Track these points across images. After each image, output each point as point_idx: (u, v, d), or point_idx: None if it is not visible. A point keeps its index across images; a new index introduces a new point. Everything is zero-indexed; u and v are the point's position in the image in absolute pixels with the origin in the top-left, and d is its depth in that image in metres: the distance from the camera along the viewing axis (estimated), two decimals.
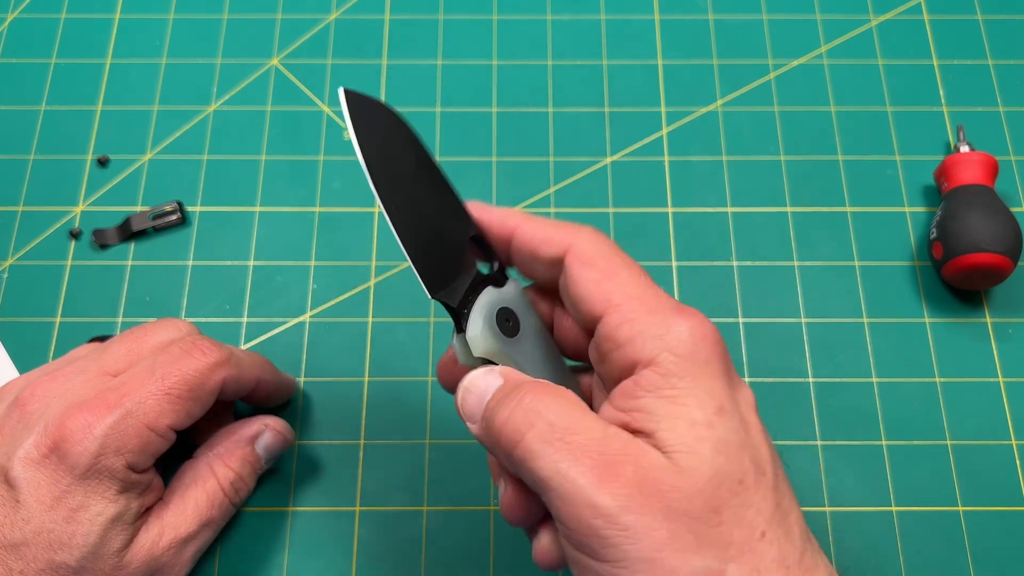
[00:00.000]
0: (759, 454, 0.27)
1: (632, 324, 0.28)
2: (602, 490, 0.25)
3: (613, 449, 0.26)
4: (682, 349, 0.28)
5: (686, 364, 0.28)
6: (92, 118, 0.52)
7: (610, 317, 0.29)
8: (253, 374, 0.39)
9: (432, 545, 0.42)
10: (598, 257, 0.30)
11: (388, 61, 0.54)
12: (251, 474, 0.39)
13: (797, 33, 0.54)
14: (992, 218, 0.45)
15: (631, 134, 0.52)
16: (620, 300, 0.29)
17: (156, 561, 0.35)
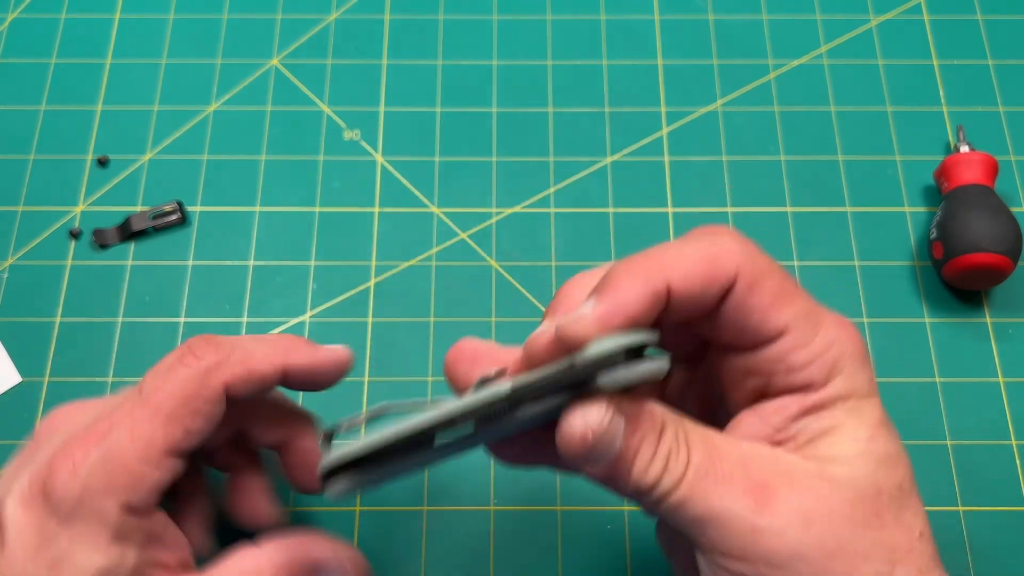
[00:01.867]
0: (909, 461, 0.27)
1: (808, 350, 0.27)
2: (763, 513, 0.25)
3: (760, 471, 0.26)
4: (851, 370, 0.27)
5: (853, 384, 0.27)
6: (92, 118, 0.52)
7: (784, 342, 0.27)
8: (272, 364, 0.31)
9: (432, 545, 0.42)
10: (763, 277, 0.27)
11: (388, 61, 0.54)
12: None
13: (797, 33, 0.54)
14: (992, 218, 0.45)
15: (631, 134, 0.52)
16: (795, 324, 0.27)
17: None
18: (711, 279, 0.26)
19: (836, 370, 0.27)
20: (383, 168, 0.51)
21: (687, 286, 0.26)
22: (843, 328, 0.27)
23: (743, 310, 0.27)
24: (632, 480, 0.26)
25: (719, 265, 0.26)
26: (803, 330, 0.27)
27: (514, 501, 0.43)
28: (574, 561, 0.42)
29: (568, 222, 0.49)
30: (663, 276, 0.26)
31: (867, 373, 0.27)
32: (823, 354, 0.27)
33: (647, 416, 0.26)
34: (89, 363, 0.46)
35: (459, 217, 0.49)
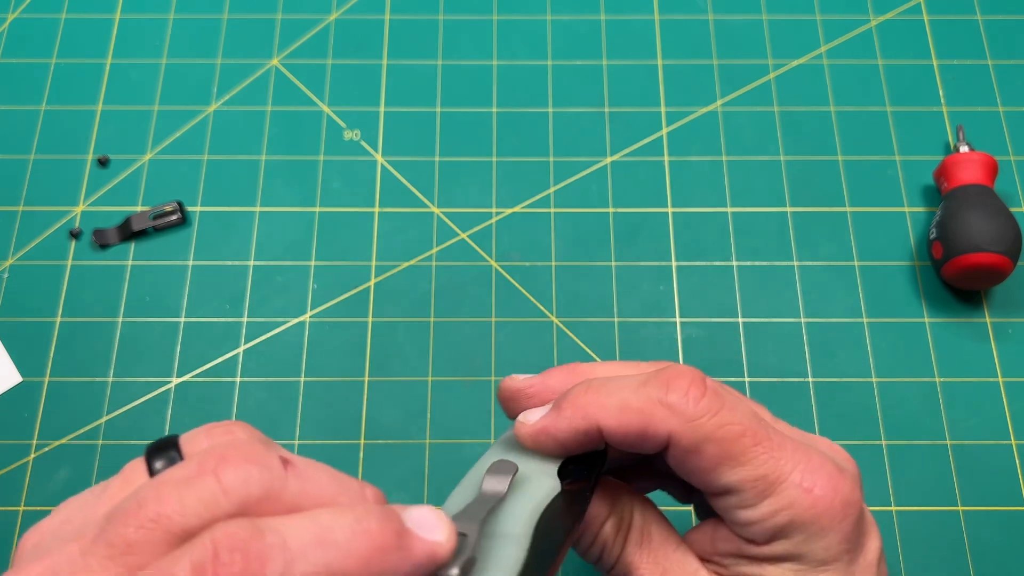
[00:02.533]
0: None
1: (750, 512, 0.26)
2: None
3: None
4: (801, 537, 0.26)
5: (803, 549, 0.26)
6: (92, 118, 0.52)
7: (727, 500, 0.27)
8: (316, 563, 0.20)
9: None
10: (704, 443, 0.26)
11: (388, 61, 0.54)
12: None
13: (797, 33, 0.54)
14: (992, 218, 0.45)
15: (631, 134, 0.52)
16: (738, 488, 0.26)
17: None
18: (641, 436, 0.26)
19: (780, 535, 0.26)
20: (383, 168, 0.51)
21: (617, 436, 0.27)
22: (807, 493, 0.26)
23: (681, 468, 0.27)
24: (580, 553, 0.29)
25: (651, 425, 0.26)
26: (748, 493, 0.26)
27: None
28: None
29: (568, 222, 0.49)
30: (596, 420, 0.27)
31: (828, 542, 0.26)
32: (767, 519, 0.26)
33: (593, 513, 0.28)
34: (89, 363, 0.46)
35: (459, 217, 0.49)
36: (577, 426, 0.27)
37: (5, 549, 0.42)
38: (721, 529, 0.28)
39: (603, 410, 0.27)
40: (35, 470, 0.43)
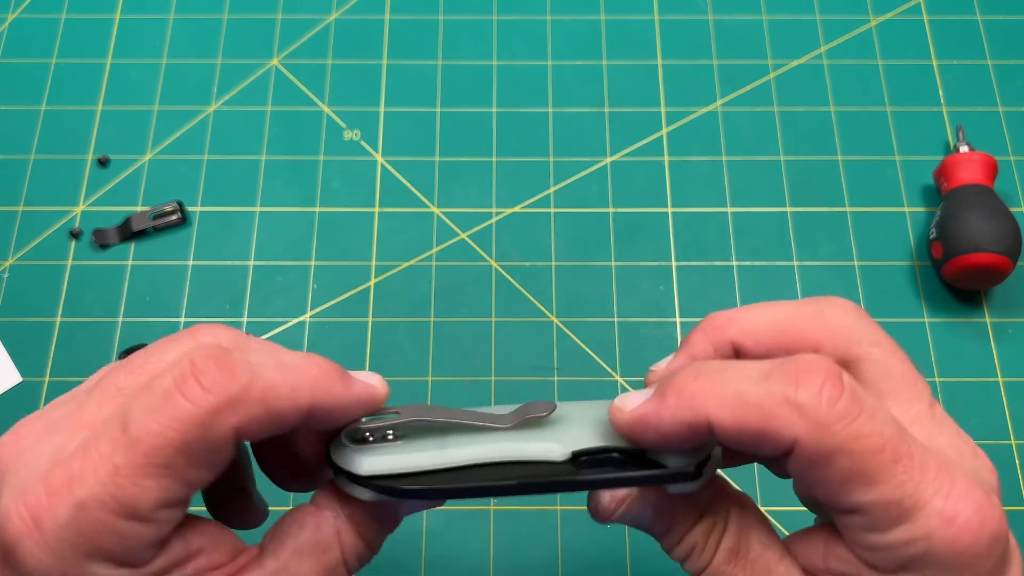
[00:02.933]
0: None
1: (881, 538, 0.23)
2: None
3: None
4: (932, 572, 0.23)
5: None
6: (92, 118, 0.52)
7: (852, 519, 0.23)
8: (296, 405, 0.24)
9: (432, 545, 0.42)
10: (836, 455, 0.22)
11: (388, 61, 0.54)
12: (381, 542, 0.27)
13: (797, 33, 0.54)
14: (991, 218, 0.45)
15: (631, 134, 0.52)
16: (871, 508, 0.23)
17: None
18: (760, 437, 0.22)
19: (910, 566, 0.23)
20: (383, 168, 0.51)
21: (730, 434, 0.23)
22: (948, 523, 0.22)
23: (803, 477, 0.23)
24: (665, 549, 0.27)
25: (773, 427, 0.22)
26: (880, 517, 0.23)
27: (514, 501, 0.43)
28: (574, 561, 0.42)
29: (568, 222, 0.49)
30: (705, 413, 0.23)
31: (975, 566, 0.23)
32: (898, 548, 0.23)
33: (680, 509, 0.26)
34: (89, 363, 0.46)
35: (459, 217, 0.49)
36: (682, 418, 0.23)
37: None
38: (837, 547, 0.24)
39: (716, 401, 0.23)
40: None
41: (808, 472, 0.23)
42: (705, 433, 0.23)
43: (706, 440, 0.24)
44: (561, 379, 0.45)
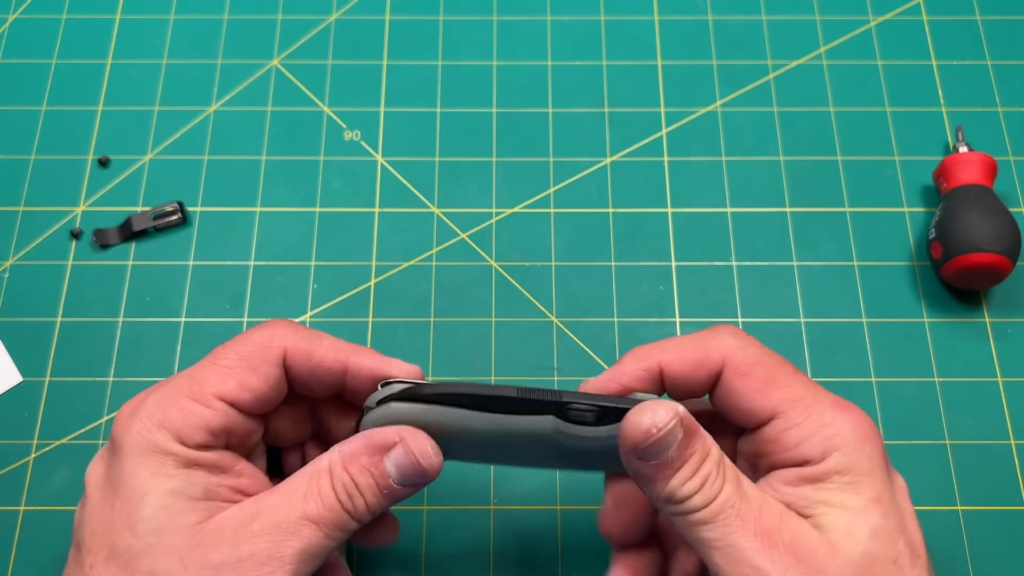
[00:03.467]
0: (913, 539, 0.30)
1: (799, 429, 0.31)
2: (763, 555, 0.28)
3: (771, 519, 0.29)
4: (847, 447, 0.30)
5: (849, 460, 0.30)
6: (93, 118, 0.52)
7: (776, 424, 0.31)
8: (336, 355, 0.33)
9: (432, 545, 0.42)
10: (755, 364, 0.32)
11: (388, 62, 0.54)
12: (372, 489, 0.32)
13: (796, 34, 0.54)
14: (991, 218, 0.45)
15: (631, 134, 0.52)
16: (785, 407, 0.31)
17: (248, 545, 0.29)
18: (698, 364, 0.32)
19: (831, 447, 0.30)
20: (383, 168, 0.51)
21: (676, 367, 0.32)
22: (841, 411, 0.31)
23: (734, 394, 0.32)
24: (668, 487, 0.29)
25: (707, 353, 0.32)
26: (793, 412, 0.31)
27: (514, 501, 0.43)
28: (574, 561, 0.42)
29: (568, 222, 0.49)
30: (655, 359, 0.33)
31: (869, 452, 0.31)
32: (815, 433, 0.31)
33: (702, 438, 0.30)
34: (90, 363, 0.46)
35: (459, 217, 0.50)
36: (637, 366, 0.32)
37: (5, 549, 0.42)
38: (771, 477, 0.31)
39: (661, 351, 0.33)
40: (35, 470, 0.44)
41: (735, 385, 0.32)
42: (657, 378, 0.33)
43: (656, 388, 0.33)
44: (561, 379, 0.46)
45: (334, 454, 0.32)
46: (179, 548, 0.29)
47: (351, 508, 0.31)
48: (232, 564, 0.29)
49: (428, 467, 0.32)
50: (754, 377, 0.32)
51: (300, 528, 0.30)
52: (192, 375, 0.32)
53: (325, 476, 0.31)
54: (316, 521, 0.30)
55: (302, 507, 0.30)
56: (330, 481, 0.31)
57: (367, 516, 0.32)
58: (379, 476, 0.31)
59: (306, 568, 0.30)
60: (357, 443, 0.32)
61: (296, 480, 0.31)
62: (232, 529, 0.30)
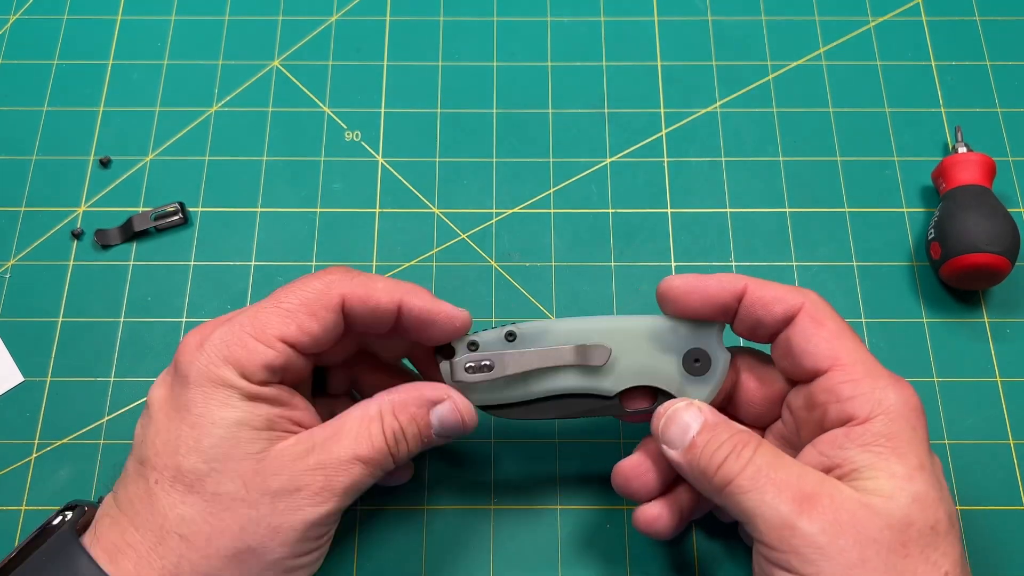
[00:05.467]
0: (951, 510, 0.32)
1: (856, 384, 0.33)
2: (802, 516, 0.30)
3: (810, 484, 0.31)
4: (895, 413, 0.32)
5: (896, 427, 0.32)
6: (94, 119, 0.52)
7: (835, 373, 0.33)
8: (390, 296, 0.35)
9: (432, 545, 0.42)
10: (829, 318, 0.34)
11: (389, 62, 0.54)
12: (416, 437, 0.35)
13: (796, 34, 0.55)
14: (990, 218, 0.45)
15: (631, 135, 0.52)
16: (847, 360, 0.33)
17: (303, 477, 0.33)
18: (779, 300, 0.35)
19: (880, 410, 0.32)
20: (384, 169, 0.51)
21: (759, 294, 0.35)
22: (895, 382, 0.33)
23: (804, 336, 0.34)
24: (703, 460, 0.33)
25: (790, 295, 0.35)
26: (853, 368, 0.33)
27: (514, 501, 0.43)
28: (574, 561, 0.42)
29: (568, 222, 0.49)
30: (744, 284, 0.35)
31: (914, 424, 0.32)
32: (868, 393, 0.33)
33: (725, 423, 0.34)
34: (91, 363, 0.46)
35: (459, 217, 0.50)
36: (725, 285, 0.35)
37: (6, 549, 0.42)
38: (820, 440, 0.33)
39: (750, 279, 0.35)
40: (36, 470, 0.44)
41: (807, 328, 0.34)
42: (733, 302, 0.35)
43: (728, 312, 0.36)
44: None
45: (384, 402, 0.35)
46: (242, 474, 0.32)
47: (395, 451, 0.35)
48: (289, 492, 0.32)
49: (470, 423, 0.36)
50: (827, 328, 0.34)
51: (351, 466, 0.33)
52: (256, 316, 0.34)
53: (376, 422, 0.34)
54: (365, 461, 0.34)
55: (353, 448, 0.34)
56: (380, 426, 0.34)
57: (405, 459, 0.35)
58: (424, 426, 0.35)
59: (349, 500, 0.34)
60: (408, 394, 0.36)
61: (348, 423, 0.34)
62: (291, 460, 0.33)
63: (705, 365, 0.36)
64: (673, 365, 0.36)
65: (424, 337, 0.36)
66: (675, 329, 0.37)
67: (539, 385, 0.37)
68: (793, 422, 0.36)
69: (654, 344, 0.37)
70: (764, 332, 0.36)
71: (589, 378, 0.37)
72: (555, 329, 0.37)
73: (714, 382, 0.36)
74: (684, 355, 0.36)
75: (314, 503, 0.33)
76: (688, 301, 0.36)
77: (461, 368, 0.36)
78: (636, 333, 0.37)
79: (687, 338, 0.36)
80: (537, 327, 0.37)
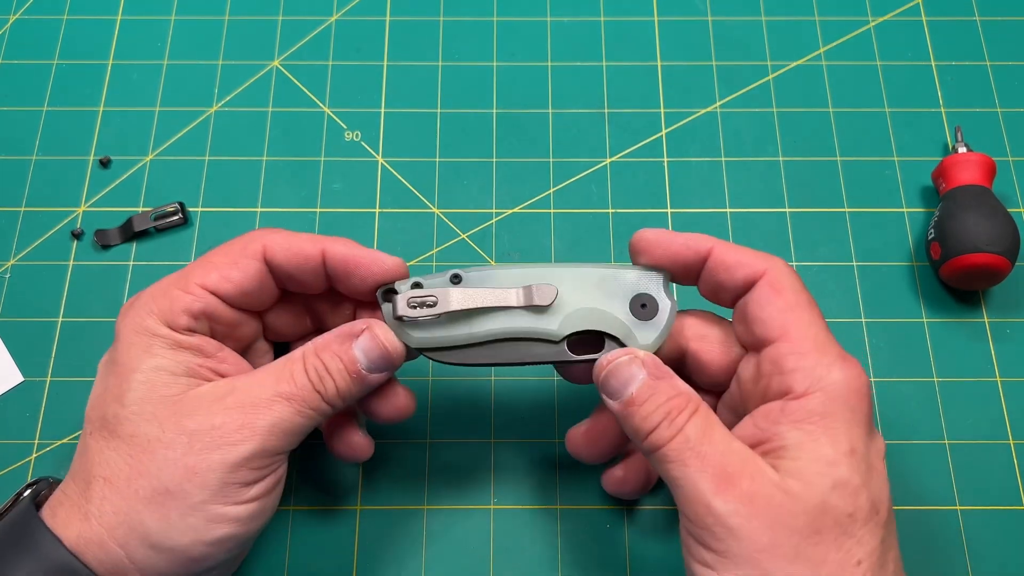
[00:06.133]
0: (877, 496, 0.31)
1: (799, 357, 0.32)
2: (717, 496, 0.30)
3: (733, 464, 0.31)
4: (835, 392, 0.31)
5: (833, 406, 0.31)
6: (94, 119, 0.52)
7: (782, 344, 0.33)
8: (312, 244, 0.36)
9: (432, 545, 0.42)
10: (789, 288, 0.34)
11: (389, 62, 0.54)
12: (341, 372, 0.34)
13: (796, 34, 0.55)
14: (990, 218, 0.45)
15: (630, 135, 0.52)
16: (796, 333, 0.33)
17: (220, 415, 0.32)
18: (742, 264, 0.34)
19: (819, 386, 0.32)
20: (384, 169, 0.51)
21: (722, 257, 0.35)
22: (845, 364, 0.32)
23: (759, 303, 0.34)
24: (637, 419, 0.32)
25: (755, 260, 0.34)
26: (801, 341, 0.33)
27: (514, 501, 0.43)
28: (574, 561, 0.42)
29: (568, 222, 0.49)
30: (710, 245, 0.35)
31: (854, 405, 0.32)
32: (810, 368, 0.32)
33: (670, 382, 0.33)
34: (91, 363, 0.46)
35: (459, 217, 0.50)
36: (691, 244, 0.35)
37: None
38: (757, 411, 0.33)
39: (717, 241, 0.35)
40: (37, 470, 0.44)
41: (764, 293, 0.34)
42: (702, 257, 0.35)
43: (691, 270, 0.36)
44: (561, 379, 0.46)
45: (307, 345, 0.35)
46: (159, 415, 0.32)
47: (322, 389, 0.34)
48: (206, 430, 0.32)
49: (393, 351, 0.35)
50: (784, 297, 0.33)
51: (272, 404, 0.33)
52: (182, 271, 0.35)
53: (298, 361, 0.34)
54: (288, 398, 0.33)
55: (274, 386, 0.33)
56: (303, 365, 0.34)
57: (339, 399, 0.35)
58: (348, 361, 0.34)
59: (278, 442, 0.33)
60: (330, 334, 0.35)
61: (270, 365, 0.35)
62: (208, 401, 0.33)
63: (652, 310, 0.36)
64: (620, 309, 0.36)
65: (357, 283, 0.36)
66: (621, 275, 0.36)
67: (483, 326, 0.35)
68: (739, 392, 0.36)
69: (601, 289, 0.36)
70: (725, 296, 0.36)
71: (535, 320, 0.35)
72: (501, 273, 0.36)
73: (660, 327, 0.36)
74: (631, 300, 0.36)
75: (232, 441, 0.32)
76: (653, 253, 0.36)
77: (403, 303, 0.35)
78: (583, 278, 0.36)
79: (633, 284, 0.36)
80: (483, 271, 0.36)
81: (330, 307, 0.39)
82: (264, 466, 0.33)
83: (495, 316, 0.36)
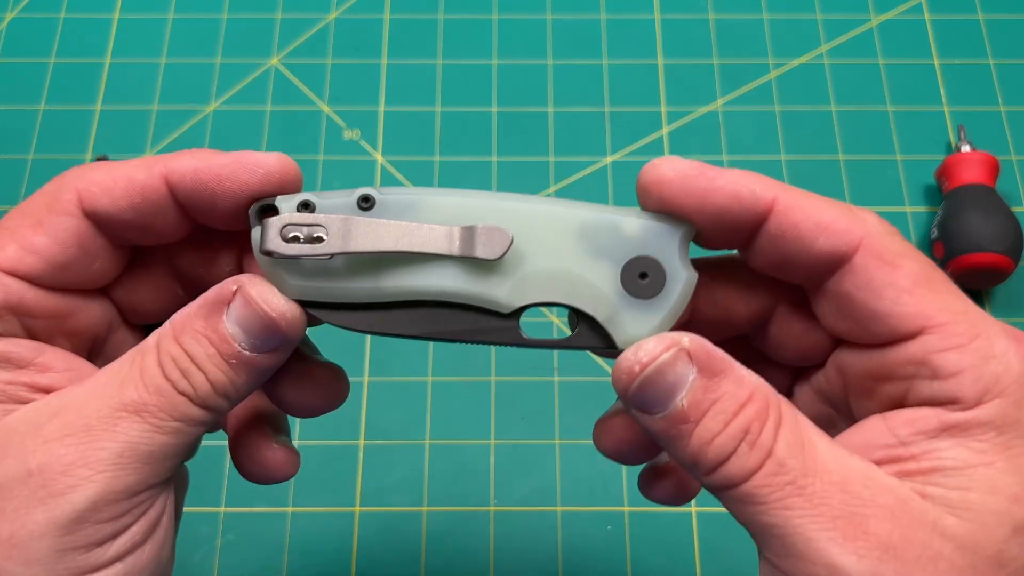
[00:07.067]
0: None
1: (960, 353, 0.21)
2: (845, 548, 0.20)
3: (862, 498, 0.21)
4: (1018, 396, 0.21)
5: (1015, 414, 0.21)
6: (91, 118, 0.52)
7: (928, 339, 0.22)
8: (148, 171, 0.24)
9: (432, 545, 0.42)
10: (904, 255, 0.22)
11: (388, 61, 0.54)
12: (212, 358, 0.23)
13: (798, 33, 0.54)
14: (993, 218, 0.45)
15: (631, 134, 0.52)
16: (943, 318, 0.22)
17: (41, 452, 0.22)
18: (820, 228, 0.22)
19: (996, 390, 0.21)
20: (383, 168, 0.51)
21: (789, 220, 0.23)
22: (1019, 342, 0.22)
23: (870, 288, 0.22)
24: (691, 447, 0.21)
25: (838, 221, 0.22)
26: (955, 328, 0.21)
27: (514, 501, 0.43)
28: (574, 561, 0.42)
29: None
30: (771, 194, 0.24)
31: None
32: (980, 364, 0.21)
33: (735, 378, 0.22)
34: None
35: None
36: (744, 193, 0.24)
37: None
38: (896, 415, 0.22)
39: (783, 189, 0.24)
40: None
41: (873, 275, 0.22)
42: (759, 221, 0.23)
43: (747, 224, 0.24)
44: (561, 379, 0.45)
45: (164, 326, 0.24)
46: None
47: (188, 388, 0.23)
48: (21, 479, 0.22)
49: (277, 315, 0.23)
50: (903, 271, 0.22)
51: (114, 423, 0.22)
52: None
53: (150, 354, 0.23)
54: (137, 410, 0.23)
55: (117, 396, 0.23)
56: (156, 358, 0.23)
57: (218, 398, 0.24)
58: (219, 341, 0.23)
59: (134, 475, 0.23)
60: (190, 306, 0.24)
61: (112, 365, 0.24)
62: (21, 435, 0.22)
63: (657, 283, 0.23)
64: (607, 276, 0.23)
65: (228, 207, 0.24)
66: (617, 224, 0.24)
67: (396, 280, 0.23)
68: (842, 385, 0.25)
69: (582, 242, 0.23)
70: (798, 273, 0.24)
71: (475, 280, 0.23)
72: (433, 201, 0.23)
73: (665, 311, 0.23)
74: (626, 264, 0.24)
75: (60, 489, 0.22)
76: (675, 198, 0.23)
77: (275, 231, 0.23)
78: (557, 222, 0.24)
79: (634, 241, 0.24)
80: (409, 194, 0.24)
81: (202, 259, 0.27)
82: (121, 513, 0.23)
83: (415, 267, 0.23)
